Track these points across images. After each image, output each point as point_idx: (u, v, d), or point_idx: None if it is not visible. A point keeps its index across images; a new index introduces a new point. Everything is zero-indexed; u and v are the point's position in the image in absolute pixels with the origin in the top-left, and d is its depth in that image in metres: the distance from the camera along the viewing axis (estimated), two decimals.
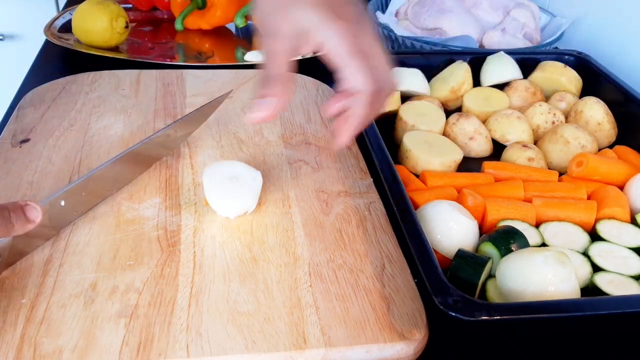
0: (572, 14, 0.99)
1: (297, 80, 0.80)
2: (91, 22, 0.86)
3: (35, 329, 0.43)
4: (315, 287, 0.48)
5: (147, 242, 0.51)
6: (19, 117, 0.68)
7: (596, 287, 0.49)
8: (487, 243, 0.51)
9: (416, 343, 0.44)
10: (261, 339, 0.43)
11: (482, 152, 0.69)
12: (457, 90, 0.77)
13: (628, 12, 0.90)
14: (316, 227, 0.54)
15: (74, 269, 0.48)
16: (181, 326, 0.44)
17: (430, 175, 0.61)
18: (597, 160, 0.62)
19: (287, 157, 0.64)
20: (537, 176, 0.62)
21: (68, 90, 0.74)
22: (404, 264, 0.51)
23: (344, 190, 0.60)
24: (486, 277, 0.50)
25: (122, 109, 0.70)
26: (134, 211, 0.55)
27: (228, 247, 0.51)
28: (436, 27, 0.95)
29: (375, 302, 0.47)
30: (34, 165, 0.60)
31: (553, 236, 0.55)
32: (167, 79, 0.78)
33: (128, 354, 0.42)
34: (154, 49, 0.94)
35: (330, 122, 0.71)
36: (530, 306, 0.43)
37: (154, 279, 0.48)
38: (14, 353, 0.41)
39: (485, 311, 0.41)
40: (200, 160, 0.62)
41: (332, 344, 0.43)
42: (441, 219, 0.52)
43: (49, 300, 0.45)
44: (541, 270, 0.46)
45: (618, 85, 0.74)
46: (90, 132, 0.66)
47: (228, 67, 0.84)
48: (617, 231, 0.56)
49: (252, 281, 0.48)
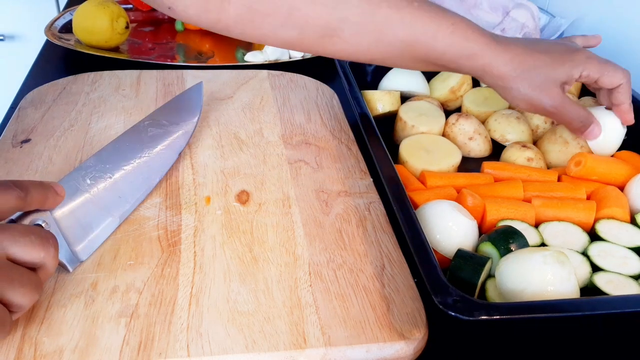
0: (572, 14, 0.99)
1: (297, 81, 0.80)
2: (92, 22, 0.86)
3: (36, 328, 0.43)
4: (315, 286, 0.48)
5: (147, 242, 0.51)
6: (20, 118, 0.68)
7: (595, 287, 0.49)
8: (487, 243, 0.51)
9: (416, 343, 0.44)
10: (261, 339, 0.43)
11: (481, 152, 0.70)
12: (457, 90, 0.77)
13: (628, 12, 0.90)
14: (316, 227, 0.55)
15: (75, 269, 0.48)
16: (181, 326, 0.44)
17: (429, 175, 0.61)
18: (595, 160, 0.62)
19: (287, 157, 0.64)
20: (536, 176, 0.63)
21: (68, 90, 0.74)
22: (403, 263, 0.51)
23: (344, 190, 0.60)
24: (486, 277, 0.50)
25: (122, 109, 0.71)
26: (135, 211, 0.55)
27: (228, 247, 0.52)
28: None
29: (375, 301, 0.47)
30: (35, 166, 0.60)
31: (552, 236, 0.55)
32: (168, 79, 0.78)
33: (128, 354, 0.42)
34: (155, 50, 0.94)
35: (330, 122, 0.71)
36: (529, 306, 0.43)
37: (154, 279, 0.48)
38: (15, 352, 0.41)
39: (484, 311, 0.41)
40: (200, 160, 0.62)
41: (332, 343, 0.43)
42: (440, 219, 0.52)
43: (50, 299, 0.45)
44: (540, 270, 0.46)
45: None
46: (91, 133, 0.66)
47: (228, 68, 0.84)
48: (616, 231, 0.56)
49: (252, 281, 0.48)
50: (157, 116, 0.63)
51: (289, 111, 0.73)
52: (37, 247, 0.40)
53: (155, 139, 0.60)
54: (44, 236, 0.41)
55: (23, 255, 0.40)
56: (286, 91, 0.77)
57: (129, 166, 0.56)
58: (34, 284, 0.40)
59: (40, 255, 0.41)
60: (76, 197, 0.51)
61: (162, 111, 0.64)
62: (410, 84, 0.76)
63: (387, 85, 0.77)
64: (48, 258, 0.41)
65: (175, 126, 0.62)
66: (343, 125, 0.71)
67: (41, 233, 0.41)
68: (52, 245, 0.42)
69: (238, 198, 0.57)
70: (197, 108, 0.65)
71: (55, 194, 0.47)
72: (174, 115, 0.64)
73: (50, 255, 0.41)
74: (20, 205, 0.43)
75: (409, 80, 0.76)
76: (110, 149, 0.58)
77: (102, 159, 0.56)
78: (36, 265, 0.41)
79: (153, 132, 0.61)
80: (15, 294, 0.39)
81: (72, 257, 0.48)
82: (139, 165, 0.57)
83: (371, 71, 0.79)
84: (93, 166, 0.55)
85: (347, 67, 0.73)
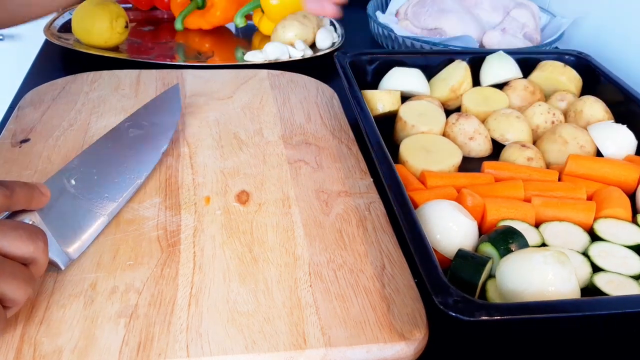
0: (572, 14, 0.99)
1: (297, 80, 0.80)
2: (91, 22, 0.86)
3: (35, 328, 0.43)
4: (315, 287, 0.48)
5: (147, 242, 0.51)
6: (19, 117, 0.68)
7: (596, 287, 0.49)
8: (486, 243, 0.51)
9: (416, 343, 0.44)
10: (261, 339, 0.43)
11: (481, 152, 0.69)
12: (457, 90, 0.77)
13: (628, 12, 0.90)
14: (316, 227, 0.54)
15: (74, 269, 0.48)
16: (181, 326, 0.44)
17: (430, 175, 0.61)
18: (593, 159, 0.62)
19: (287, 157, 0.64)
20: (537, 176, 0.62)
21: (68, 90, 0.74)
22: (404, 264, 0.51)
23: (344, 190, 0.60)
24: (486, 278, 0.50)
25: (122, 109, 0.70)
26: (134, 211, 0.55)
27: (228, 247, 0.51)
28: (436, 27, 0.95)
29: (375, 302, 0.47)
30: (34, 165, 0.60)
31: (553, 236, 0.55)
32: (167, 79, 0.78)
33: (128, 354, 0.42)
34: (154, 49, 0.94)
35: (330, 122, 0.71)
36: (530, 306, 0.43)
37: (153, 279, 0.48)
38: (14, 353, 0.41)
39: (485, 311, 0.41)
40: (200, 160, 0.62)
41: (332, 344, 0.43)
42: (441, 219, 0.52)
43: (49, 300, 0.45)
44: (541, 270, 0.46)
45: (618, 85, 0.74)
46: (90, 132, 0.66)
47: (228, 67, 0.84)
48: (615, 229, 0.55)
49: (252, 281, 0.48)
50: (136, 118, 0.64)
51: (288, 111, 0.73)
52: (26, 241, 0.41)
53: (136, 140, 0.61)
54: (33, 230, 0.42)
55: (13, 250, 0.40)
56: (286, 91, 0.77)
57: (112, 166, 0.57)
58: (26, 278, 0.40)
59: (29, 249, 0.41)
60: (62, 197, 0.51)
61: (142, 113, 0.65)
62: (411, 84, 0.76)
63: (387, 85, 0.76)
64: (38, 252, 0.42)
65: (156, 127, 0.63)
66: (343, 125, 0.71)
67: (30, 227, 0.42)
68: (41, 239, 0.42)
69: (238, 198, 0.57)
70: (177, 109, 0.66)
71: (40, 194, 0.47)
72: (153, 116, 0.65)
73: (40, 249, 0.42)
74: (6, 203, 0.43)
75: (409, 80, 0.76)
76: (93, 151, 0.58)
77: (85, 160, 0.56)
78: (27, 260, 0.41)
79: (134, 133, 0.62)
80: (6, 287, 0.39)
81: (63, 255, 0.48)
82: (122, 165, 0.57)
83: (371, 71, 0.79)
84: (77, 167, 0.55)
85: (347, 67, 0.73)
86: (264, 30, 1.00)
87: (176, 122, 0.65)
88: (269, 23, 0.98)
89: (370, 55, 0.79)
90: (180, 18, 0.99)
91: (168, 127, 0.64)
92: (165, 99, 0.67)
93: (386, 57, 0.80)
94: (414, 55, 0.82)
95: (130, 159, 0.59)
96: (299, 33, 0.92)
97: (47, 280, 0.47)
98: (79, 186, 0.53)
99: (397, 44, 0.94)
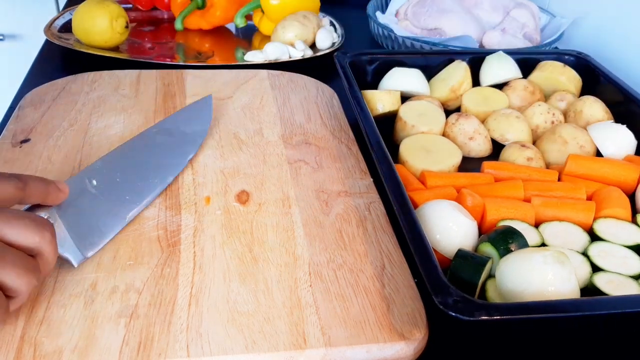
0: (572, 14, 0.99)
1: (297, 80, 0.80)
2: (91, 22, 0.86)
3: (36, 328, 0.43)
4: (315, 287, 0.48)
5: (147, 242, 0.51)
6: (19, 117, 0.68)
7: (595, 287, 0.49)
8: (486, 243, 0.51)
9: (416, 343, 0.44)
10: (261, 339, 0.43)
11: (481, 152, 0.69)
12: (457, 90, 0.77)
13: (628, 12, 0.90)
14: (316, 227, 0.55)
15: (75, 269, 0.48)
16: (181, 326, 0.44)
17: (429, 175, 0.61)
18: (592, 159, 0.62)
19: (287, 157, 0.64)
20: (537, 176, 0.62)
21: (68, 90, 0.74)
22: (404, 264, 0.51)
23: (344, 190, 0.60)
24: (486, 277, 0.50)
25: (122, 109, 0.70)
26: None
27: (228, 247, 0.51)
28: (436, 27, 0.95)
29: (375, 302, 0.47)
30: (34, 166, 0.60)
31: (553, 236, 0.55)
32: (167, 79, 0.78)
33: (128, 354, 0.42)
34: (154, 49, 0.94)
35: (330, 122, 0.71)
36: (530, 306, 0.43)
37: (154, 279, 0.48)
38: (14, 353, 0.41)
39: (485, 311, 0.41)
40: (200, 160, 0.62)
41: (332, 343, 0.43)
42: (440, 219, 0.52)
43: (49, 300, 0.45)
44: (541, 270, 0.46)
45: (618, 85, 0.74)
46: (91, 132, 0.66)
47: (228, 67, 0.84)
48: (614, 229, 0.56)
49: (252, 281, 0.48)
50: (165, 125, 0.64)
51: (288, 111, 0.73)
52: (31, 231, 0.40)
53: (163, 146, 0.61)
54: (39, 221, 0.41)
55: (17, 238, 0.40)
56: (286, 91, 0.77)
57: (136, 170, 0.57)
58: (30, 267, 0.40)
59: (35, 239, 0.40)
60: (82, 196, 0.51)
61: (171, 120, 0.65)
62: (411, 84, 0.76)
63: (387, 85, 0.76)
64: (44, 243, 0.41)
65: (185, 135, 0.63)
66: (343, 125, 0.71)
67: (37, 218, 0.41)
68: (48, 231, 0.41)
69: (238, 198, 0.57)
70: (208, 118, 0.66)
71: (57, 190, 0.47)
72: (183, 124, 0.64)
73: (46, 240, 0.41)
74: (19, 195, 0.43)
75: (409, 80, 0.76)
76: (117, 154, 0.58)
77: (108, 162, 0.56)
78: (32, 251, 0.41)
79: (161, 139, 0.61)
80: (8, 275, 0.38)
81: (77, 252, 0.48)
82: (146, 170, 0.57)
83: (371, 71, 0.79)
84: (99, 169, 0.55)
85: (347, 67, 0.73)
86: (264, 31, 1.00)
87: (206, 130, 0.65)
88: (269, 23, 0.98)
89: (370, 56, 0.79)
90: (180, 18, 0.99)
91: (197, 135, 0.64)
92: (197, 108, 0.67)
93: (386, 57, 0.80)
94: (413, 56, 0.82)
95: (155, 164, 0.58)
96: (299, 33, 0.92)
97: (48, 280, 0.47)
98: (101, 187, 0.53)
99: (397, 44, 0.94)
